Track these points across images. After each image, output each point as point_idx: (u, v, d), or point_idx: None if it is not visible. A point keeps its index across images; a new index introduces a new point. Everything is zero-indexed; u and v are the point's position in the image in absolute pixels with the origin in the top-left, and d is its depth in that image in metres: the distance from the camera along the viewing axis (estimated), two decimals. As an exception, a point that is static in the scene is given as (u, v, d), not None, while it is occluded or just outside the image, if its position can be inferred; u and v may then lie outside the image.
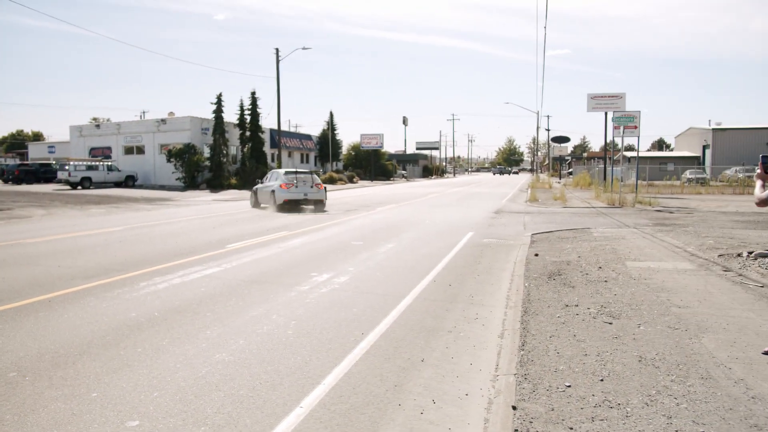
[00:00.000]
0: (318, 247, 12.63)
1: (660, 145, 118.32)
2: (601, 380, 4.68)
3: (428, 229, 16.26)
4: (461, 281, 8.99)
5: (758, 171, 5.18)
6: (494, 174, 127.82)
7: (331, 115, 71.14)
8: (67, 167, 41.37)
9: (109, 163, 44.82)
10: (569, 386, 4.57)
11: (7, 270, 9.71)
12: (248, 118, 49.69)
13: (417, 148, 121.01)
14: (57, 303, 7.41)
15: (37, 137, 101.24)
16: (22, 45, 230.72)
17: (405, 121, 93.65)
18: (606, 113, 36.63)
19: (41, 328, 6.28)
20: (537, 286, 8.28)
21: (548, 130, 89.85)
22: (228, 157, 47.53)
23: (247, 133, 49.60)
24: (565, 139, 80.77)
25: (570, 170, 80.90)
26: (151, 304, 7.35)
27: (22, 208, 23.74)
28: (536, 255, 11.09)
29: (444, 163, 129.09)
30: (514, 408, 4.23)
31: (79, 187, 41.13)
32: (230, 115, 50.58)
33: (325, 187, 24.14)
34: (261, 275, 9.32)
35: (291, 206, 22.57)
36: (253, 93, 49.93)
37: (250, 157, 48.76)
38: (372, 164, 73.65)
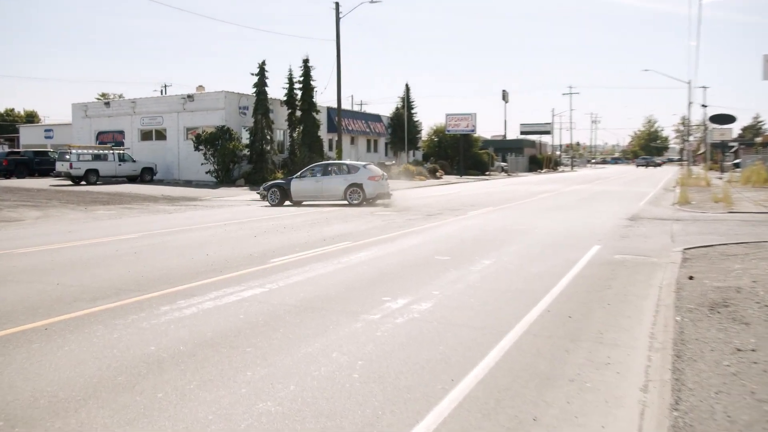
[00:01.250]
0: (391, 262, 12.66)
1: None
2: (794, 457, 4.40)
3: (538, 240, 16.00)
4: (586, 312, 8.76)
5: None
6: (638, 166, 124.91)
7: (407, 89, 71.62)
8: (68, 156, 43.15)
9: (122, 152, 46.55)
10: (747, 464, 4.32)
11: (-1, 287, 10.19)
12: (299, 93, 50.58)
13: (522, 133, 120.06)
14: (56, 331, 7.68)
15: (31, 118, 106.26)
16: (9, 1, 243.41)
17: (505, 97, 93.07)
18: (790, 81, 35.06)
19: (35, 364, 6.52)
20: (693, 321, 7.96)
21: (705, 106, 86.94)
22: (273, 144, 48.51)
23: (298, 113, 50.53)
24: (730, 119, 77.75)
25: (736, 161, 78.00)
26: (176, 335, 7.52)
27: (11, 209, 25.02)
28: (691, 278, 10.70)
29: (558, 152, 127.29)
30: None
31: (83, 182, 42.98)
32: (276, 90, 51.64)
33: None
34: (317, 299, 9.40)
35: (366, 202, 27.48)
36: (306, 61, 50.89)
37: (301, 144, 49.54)
38: (461, 153, 73.47)
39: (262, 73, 47.51)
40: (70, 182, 43.03)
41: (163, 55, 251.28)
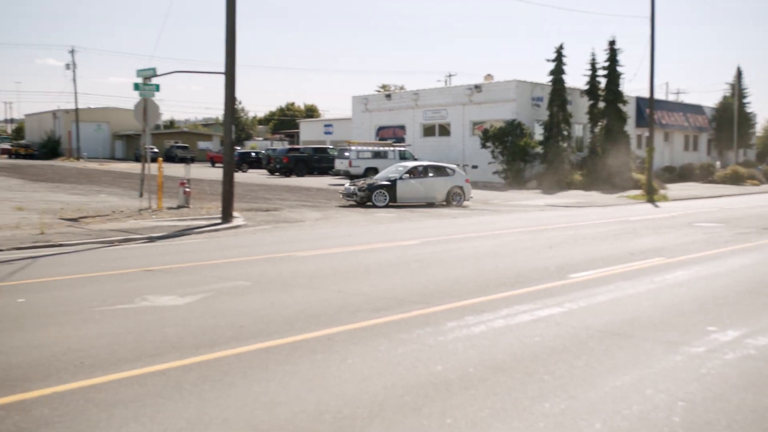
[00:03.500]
0: (717, 285, 12.09)
1: None
2: None
3: None
4: None
5: None
6: None
7: (739, 73, 67.69)
8: (347, 154, 46.11)
9: (403, 149, 48.62)
10: None
11: (275, 292, 11.16)
12: (602, 81, 49.57)
13: None
14: (338, 342, 8.20)
15: (311, 112, 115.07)
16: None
17: None
18: None
19: (319, 376, 6.99)
20: None
21: None
22: (570, 140, 48.02)
23: (600, 105, 49.49)
24: None
25: None
26: (464, 356, 7.69)
27: (291, 209, 27.30)
28: None
29: None
30: None
31: (362, 182, 45.56)
32: (573, 78, 51.31)
33: None
34: (625, 324, 9.17)
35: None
36: (612, 43, 49.96)
37: (604, 140, 48.36)
38: (807, 153, 67.99)
39: (559, 58, 47.38)
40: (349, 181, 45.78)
41: (448, 40, 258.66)
